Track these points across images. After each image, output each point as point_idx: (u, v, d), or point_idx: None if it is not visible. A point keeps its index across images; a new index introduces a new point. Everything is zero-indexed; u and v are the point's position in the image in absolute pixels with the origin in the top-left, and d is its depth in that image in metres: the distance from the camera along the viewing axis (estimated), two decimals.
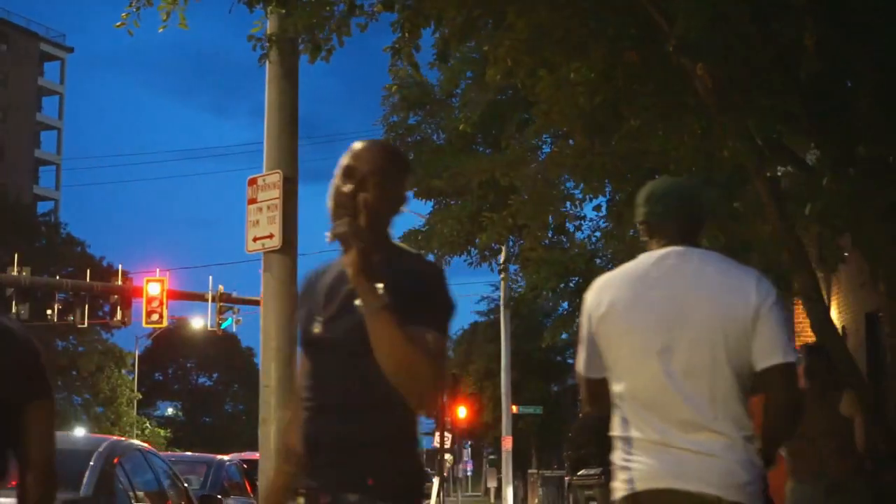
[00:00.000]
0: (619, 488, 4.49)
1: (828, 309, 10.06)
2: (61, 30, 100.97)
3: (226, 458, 18.22)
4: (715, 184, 11.08)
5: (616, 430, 4.52)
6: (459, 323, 60.30)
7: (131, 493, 10.09)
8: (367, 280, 3.42)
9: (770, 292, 4.47)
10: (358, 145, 3.83)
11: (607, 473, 16.53)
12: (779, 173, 10.13)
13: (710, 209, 4.94)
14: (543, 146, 15.37)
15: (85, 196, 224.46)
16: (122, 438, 12.30)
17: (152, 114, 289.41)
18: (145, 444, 12.55)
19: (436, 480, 33.67)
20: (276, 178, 10.75)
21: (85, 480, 9.07)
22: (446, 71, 17.64)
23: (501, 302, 37.23)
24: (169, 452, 26.46)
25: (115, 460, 9.69)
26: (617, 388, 4.54)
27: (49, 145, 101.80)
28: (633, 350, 4.48)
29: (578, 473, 19.16)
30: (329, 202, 3.76)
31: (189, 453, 25.62)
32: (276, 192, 10.66)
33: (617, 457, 4.50)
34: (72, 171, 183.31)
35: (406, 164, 3.95)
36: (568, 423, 42.03)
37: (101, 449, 9.69)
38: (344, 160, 3.78)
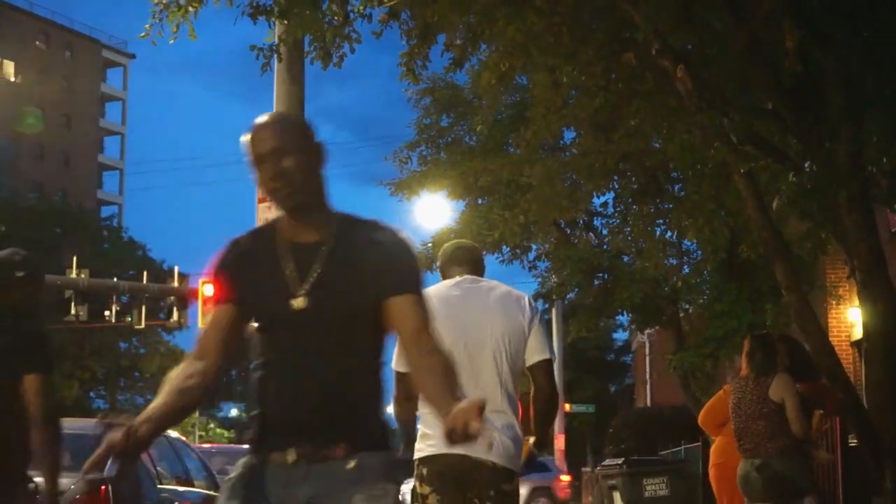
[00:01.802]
0: (421, 449, 5.74)
1: (806, 297, 10.50)
2: (123, 36, 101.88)
3: None
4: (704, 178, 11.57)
5: (423, 408, 5.68)
6: None
7: (155, 477, 10.63)
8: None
9: (536, 310, 6.03)
10: (256, 128, 3.85)
11: (630, 463, 16.99)
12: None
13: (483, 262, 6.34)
14: (559, 144, 15.88)
15: (148, 200, 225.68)
16: None
17: (214, 118, 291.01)
18: (175, 433, 13.07)
19: None
20: None
21: (109, 462, 9.61)
22: (473, 74, 18.09)
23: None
24: (213, 444, 26.79)
25: None
26: None
27: (112, 151, 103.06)
28: None
29: (602, 464, 19.62)
30: (266, 195, 3.86)
31: (230, 445, 25.80)
32: None
33: (422, 428, 5.76)
34: (135, 176, 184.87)
35: (300, 119, 4.05)
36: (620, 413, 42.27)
37: None
38: (251, 149, 3.82)
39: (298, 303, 3.77)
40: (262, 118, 3.90)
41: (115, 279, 38.22)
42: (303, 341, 3.79)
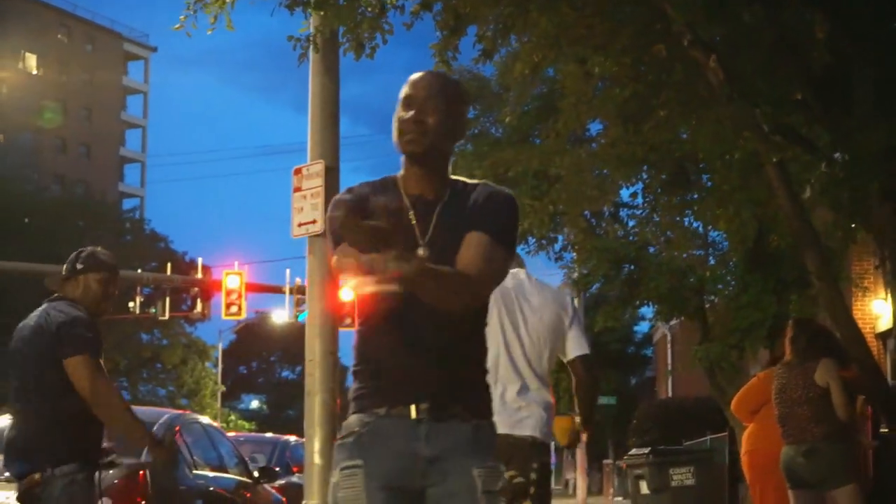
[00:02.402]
0: None
1: (838, 287, 10.59)
2: (144, 30, 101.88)
3: (292, 438, 18.57)
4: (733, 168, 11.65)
5: None
6: None
7: (191, 462, 10.76)
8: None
9: (575, 308, 6.60)
10: (416, 75, 3.96)
11: (656, 453, 17.07)
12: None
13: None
14: (585, 135, 16.01)
15: (169, 192, 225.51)
16: (185, 412, 12.91)
17: (235, 111, 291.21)
18: (207, 419, 13.19)
19: None
20: (318, 167, 11.52)
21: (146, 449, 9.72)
22: (499, 65, 18.19)
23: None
24: (239, 432, 26.87)
25: (177, 430, 10.33)
26: None
27: (134, 143, 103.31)
28: (495, 341, 6.17)
29: (628, 453, 19.69)
30: (393, 134, 3.90)
31: (256, 434, 25.90)
32: (319, 181, 11.43)
33: None
34: (156, 169, 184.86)
35: (463, 89, 4.07)
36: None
37: (162, 420, 10.38)
38: (404, 91, 3.91)
39: (422, 251, 3.68)
40: (433, 71, 4.08)
41: (139, 271, 38.32)
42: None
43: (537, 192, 17.68)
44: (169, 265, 41.24)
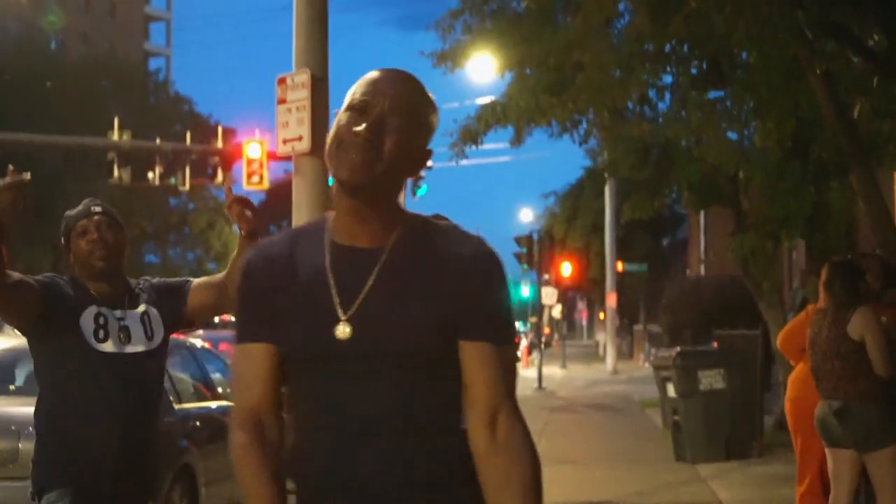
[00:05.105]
0: None
1: (886, 208, 9.49)
2: None
3: None
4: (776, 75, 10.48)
5: None
6: (566, 179, 59.37)
7: (173, 395, 10.07)
8: None
9: None
10: (376, 74, 2.85)
11: (683, 355, 16.19)
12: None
13: None
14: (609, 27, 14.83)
15: (195, 54, 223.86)
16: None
17: None
18: (199, 342, 12.45)
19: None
20: (304, 77, 10.28)
21: None
22: None
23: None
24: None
25: None
26: None
27: (159, 2, 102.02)
28: None
29: (656, 355, 18.79)
30: (328, 149, 2.80)
31: None
32: (305, 93, 10.19)
33: None
34: (182, 30, 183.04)
35: (434, 107, 2.92)
36: (674, 279, 41.40)
37: None
38: (357, 92, 2.82)
39: (342, 331, 2.74)
40: (400, 72, 2.90)
41: (159, 140, 37.63)
42: (350, 388, 2.75)
43: (557, 86, 16.42)
44: (188, 134, 40.47)
